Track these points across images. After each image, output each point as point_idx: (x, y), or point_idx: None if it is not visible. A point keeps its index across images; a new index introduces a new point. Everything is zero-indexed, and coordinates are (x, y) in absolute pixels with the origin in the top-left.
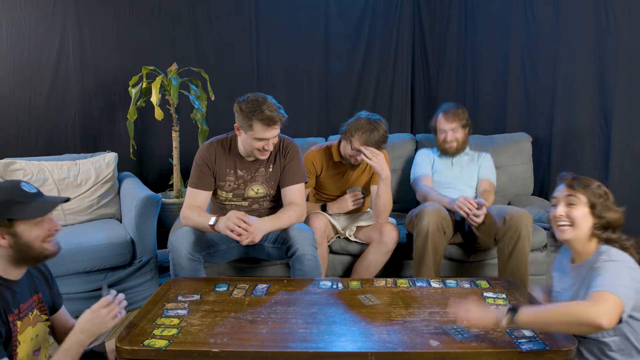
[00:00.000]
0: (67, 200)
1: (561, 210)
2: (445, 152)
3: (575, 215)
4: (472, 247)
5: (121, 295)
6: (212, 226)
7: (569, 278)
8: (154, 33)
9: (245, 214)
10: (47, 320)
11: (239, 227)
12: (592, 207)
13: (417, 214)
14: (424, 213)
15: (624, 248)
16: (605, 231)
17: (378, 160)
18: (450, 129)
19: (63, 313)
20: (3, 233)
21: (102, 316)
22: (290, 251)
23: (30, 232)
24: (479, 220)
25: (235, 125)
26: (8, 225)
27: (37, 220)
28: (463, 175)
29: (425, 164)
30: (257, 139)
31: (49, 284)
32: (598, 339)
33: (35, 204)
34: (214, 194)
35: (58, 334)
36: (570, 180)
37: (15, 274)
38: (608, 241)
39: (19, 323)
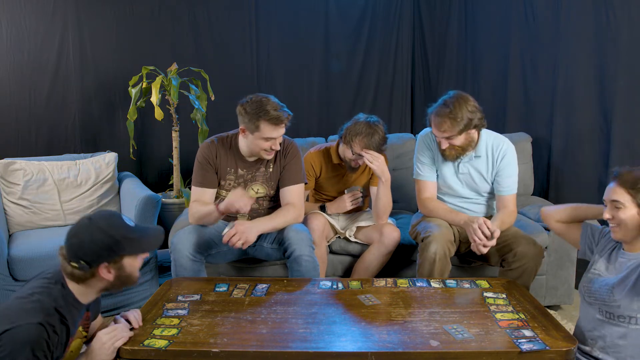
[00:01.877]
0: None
1: (607, 213)
2: (445, 157)
3: (622, 218)
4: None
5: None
6: (217, 205)
7: (608, 262)
8: (154, 33)
9: (248, 197)
10: (85, 336)
11: (231, 234)
12: None
13: (424, 238)
14: (431, 240)
15: None
16: None
17: (379, 164)
18: (442, 137)
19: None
20: (111, 268)
21: (104, 342)
22: (287, 252)
23: (133, 264)
24: (484, 250)
25: (240, 127)
26: (118, 260)
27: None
28: (472, 185)
29: (430, 166)
30: (265, 138)
31: (97, 300)
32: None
33: (144, 239)
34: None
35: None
36: (619, 179)
37: (91, 298)
38: None
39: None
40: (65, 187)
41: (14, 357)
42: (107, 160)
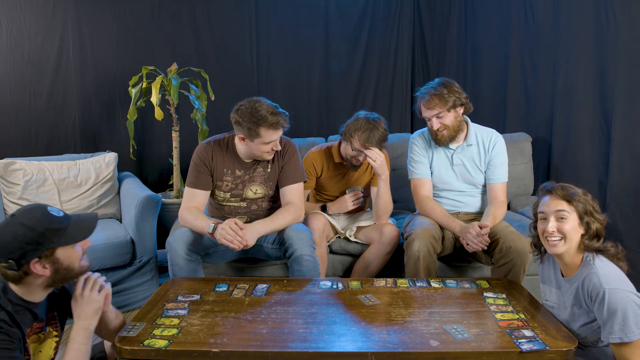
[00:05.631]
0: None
1: (552, 225)
2: (439, 142)
3: (566, 229)
4: (467, 259)
5: (96, 274)
6: (211, 234)
7: (559, 292)
8: (154, 33)
9: (239, 221)
10: (56, 336)
11: (234, 236)
12: (581, 218)
13: (407, 237)
14: (413, 237)
15: (614, 256)
16: (592, 240)
17: (380, 162)
18: (432, 115)
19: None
20: (44, 263)
21: (87, 295)
22: (288, 252)
23: (70, 255)
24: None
25: (239, 136)
26: (49, 254)
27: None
28: (467, 177)
29: (424, 164)
30: (266, 143)
31: (66, 299)
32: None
33: (72, 227)
34: (212, 194)
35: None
36: (556, 192)
37: (39, 296)
38: (597, 251)
39: (29, 342)
40: (65, 187)
41: None
42: (107, 160)
